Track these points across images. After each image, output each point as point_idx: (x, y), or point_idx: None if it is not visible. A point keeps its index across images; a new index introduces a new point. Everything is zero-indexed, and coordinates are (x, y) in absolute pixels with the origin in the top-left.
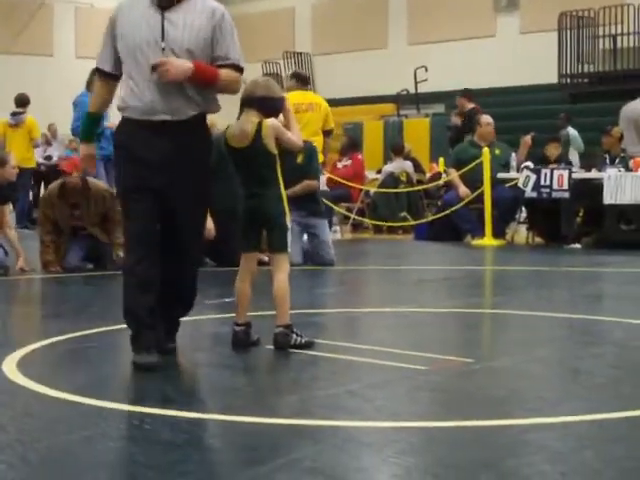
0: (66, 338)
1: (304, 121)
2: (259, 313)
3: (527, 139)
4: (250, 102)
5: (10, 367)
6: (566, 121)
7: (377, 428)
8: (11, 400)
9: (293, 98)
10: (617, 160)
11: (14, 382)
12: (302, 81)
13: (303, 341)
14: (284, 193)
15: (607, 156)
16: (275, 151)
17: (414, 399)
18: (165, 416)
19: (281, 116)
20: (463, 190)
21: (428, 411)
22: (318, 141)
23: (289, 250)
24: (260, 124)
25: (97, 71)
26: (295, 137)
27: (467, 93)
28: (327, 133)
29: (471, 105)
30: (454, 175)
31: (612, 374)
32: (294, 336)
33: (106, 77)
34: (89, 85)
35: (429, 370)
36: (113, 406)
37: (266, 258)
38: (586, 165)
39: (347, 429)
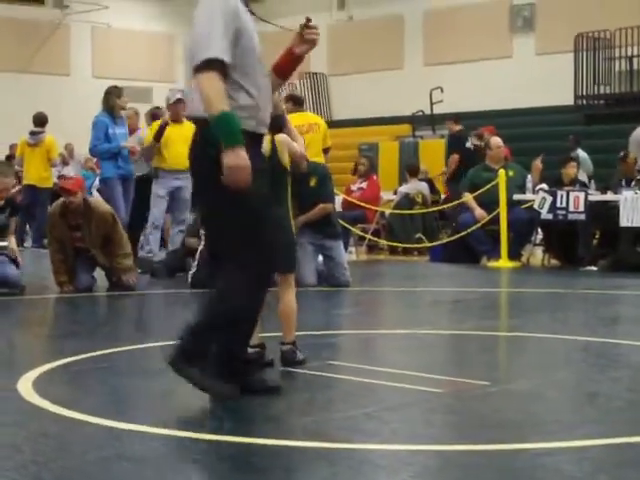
0: (81, 358)
1: (306, 142)
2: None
3: (538, 164)
4: None
5: (26, 387)
6: (575, 143)
7: (393, 451)
8: (26, 420)
9: (293, 121)
10: (633, 182)
11: (29, 402)
12: (298, 103)
13: (302, 357)
14: (292, 212)
15: (623, 180)
16: (288, 167)
17: (430, 422)
18: (179, 437)
19: None
20: (479, 212)
21: (443, 434)
22: (320, 161)
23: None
24: (273, 141)
25: (215, 62)
26: (302, 149)
27: (454, 117)
28: (326, 151)
29: (458, 127)
30: (469, 198)
31: (629, 398)
32: (299, 353)
33: (223, 71)
34: (107, 105)
35: (444, 393)
36: (128, 427)
37: None
38: (601, 187)
39: (363, 452)
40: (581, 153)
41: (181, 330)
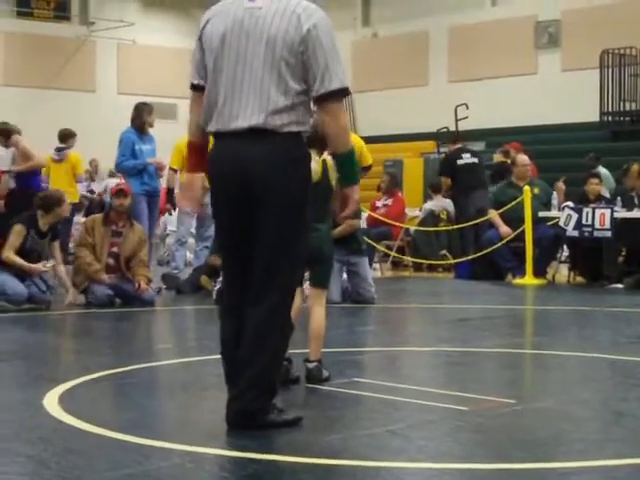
0: (106, 374)
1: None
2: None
3: (560, 185)
4: (314, 141)
5: (52, 403)
6: (595, 161)
7: (419, 469)
8: (53, 436)
9: None
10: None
11: (56, 418)
12: None
13: (327, 375)
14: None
15: (634, 194)
16: (334, 188)
17: (456, 440)
18: (204, 454)
19: None
20: (505, 230)
21: (470, 452)
22: None
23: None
24: (324, 161)
25: (347, 92)
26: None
27: (452, 136)
28: (364, 169)
29: (455, 146)
30: (494, 215)
31: None
32: (324, 371)
33: None
34: (136, 121)
35: (470, 411)
36: (155, 443)
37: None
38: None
39: (389, 469)
40: (602, 170)
41: (239, 383)
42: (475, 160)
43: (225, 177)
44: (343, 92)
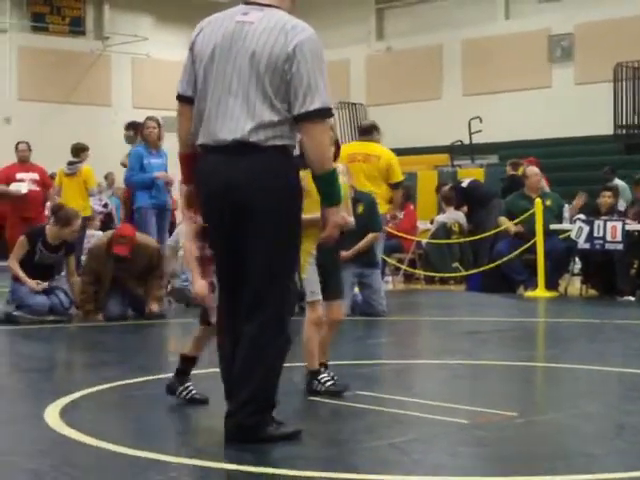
0: (110, 387)
1: (354, 171)
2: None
3: (579, 202)
4: None
5: (52, 415)
6: (611, 173)
7: None
8: (52, 449)
9: (351, 148)
10: None
11: (55, 431)
12: (361, 132)
13: (321, 389)
14: None
15: None
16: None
17: (454, 453)
18: (203, 467)
19: None
20: (514, 228)
21: (467, 466)
22: (377, 193)
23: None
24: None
25: (329, 113)
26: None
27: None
28: (393, 186)
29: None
30: (504, 220)
31: None
32: (316, 383)
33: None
34: (141, 135)
35: (472, 424)
36: (153, 456)
37: None
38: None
39: None
40: (619, 182)
41: (236, 398)
42: (473, 177)
43: (210, 191)
44: (323, 113)
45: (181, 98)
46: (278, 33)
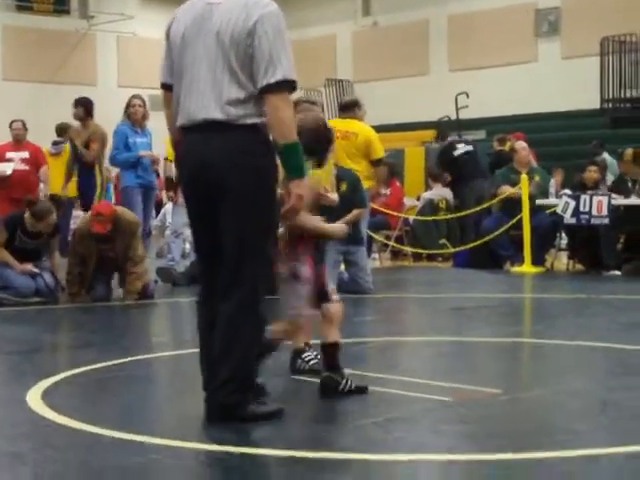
0: (93, 368)
1: (335, 147)
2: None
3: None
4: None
5: (34, 398)
6: (600, 147)
7: (398, 461)
8: (33, 431)
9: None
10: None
11: (37, 413)
12: (340, 109)
13: (305, 367)
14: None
15: (627, 179)
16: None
17: (437, 431)
18: (184, 449)
19: None
20: (515, 191)
21: (449, 444)
22: (358, 170)
23: None
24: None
25: (291, 83)
26: None
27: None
28: (374, 163)
29: (449, 139)
30: (506, 188)
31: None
32: (299, 361)
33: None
34: (127, 114)
35: (454, 401)
36: (134, 438)
37: None
38: (616, 190)
39: (368, 462)
40: (607, 157)
41: (216, 377)
42: (470, 147)
43: (187, 170)
44: (285, 84)
45: (163, 86)
46: (240, 10)
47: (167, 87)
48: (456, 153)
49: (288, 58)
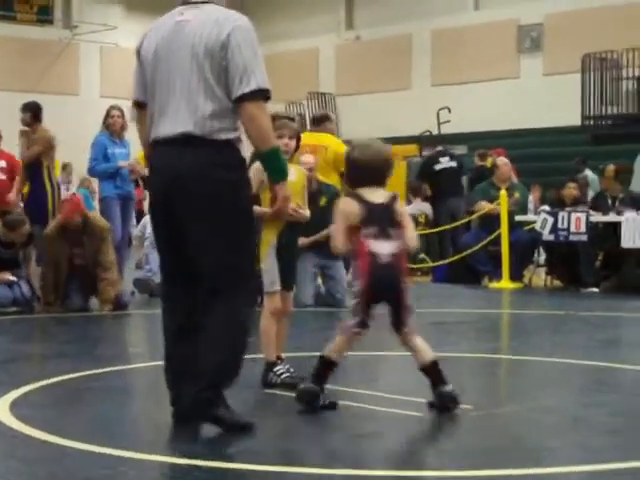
0: (66, 379)
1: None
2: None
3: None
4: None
5: (2, 408)
6: (582, 164)
7: (363, 476)
8: None
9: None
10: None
11: (4, 424)
12: (311, 123)
13: (277, 381)
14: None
15: (607, 195)
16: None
17: (403, 447)
18: (152, 462)
19: None
20: (493, 208)
21: (415, 459)
22: (332, 182)
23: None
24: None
25: (265, 92)
26: None
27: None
28: (343, 175)
29: (437, 149)
30: (484, 205)
31: (613, 423)
32: (271, 375)
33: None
34: (106, 124)
35: (424, 417)
36: (102, 450)
37: None
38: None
39: (338, 477)
40: (590, 174)
41: (193, 378)
42: (453, 164)
43: (160, 182)
44: (260, 93)
45: (136, 104)
46: (212, 25)
47: (140, 105)
48: (437, 167)
49: (261, 69)
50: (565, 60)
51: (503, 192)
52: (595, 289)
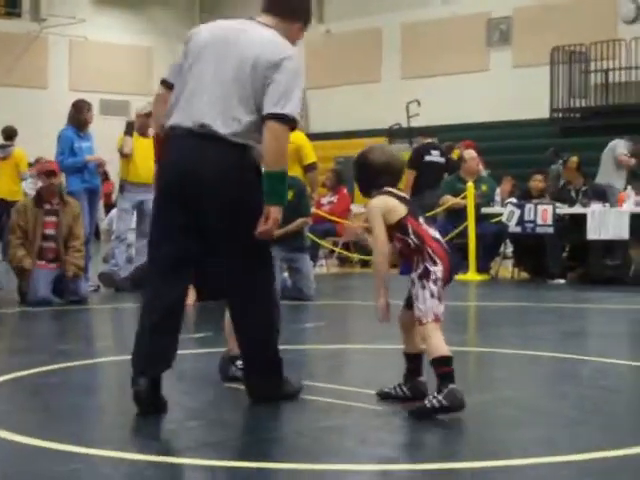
0: (24, 374)
1: None
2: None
3: (509, 182)
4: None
5: None
6: (555, 156)
7: (320, 470)
8: None
9: None
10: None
11: None
12: None
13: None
14: None
15: (571, 187)
16: None
17: (367, 441)
18: (108, 458)
19: None
20: (459, 202)
21: (375, 453)
22: (296, 175)
23: None
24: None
25: (294, 122)
26: None
27: (423, 132)
28: (306, 168)
29: (427, 140)
30: (448, 199)
31: (575, 414)
32: (233, 368)
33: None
34: (74, 118)
35: (387, 411)
36: (57, 447)
37: None
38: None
39: (298, 472)
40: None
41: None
42: (441, 160)
43: (175, 174)
44: (291, 119)
45: (164, 83)
46: (269, 44)
47: (168, 85)
48: (427, 158)
49: (298, 102)
50: (534, 53)
51: (470, 185)
52: (562, 280)
